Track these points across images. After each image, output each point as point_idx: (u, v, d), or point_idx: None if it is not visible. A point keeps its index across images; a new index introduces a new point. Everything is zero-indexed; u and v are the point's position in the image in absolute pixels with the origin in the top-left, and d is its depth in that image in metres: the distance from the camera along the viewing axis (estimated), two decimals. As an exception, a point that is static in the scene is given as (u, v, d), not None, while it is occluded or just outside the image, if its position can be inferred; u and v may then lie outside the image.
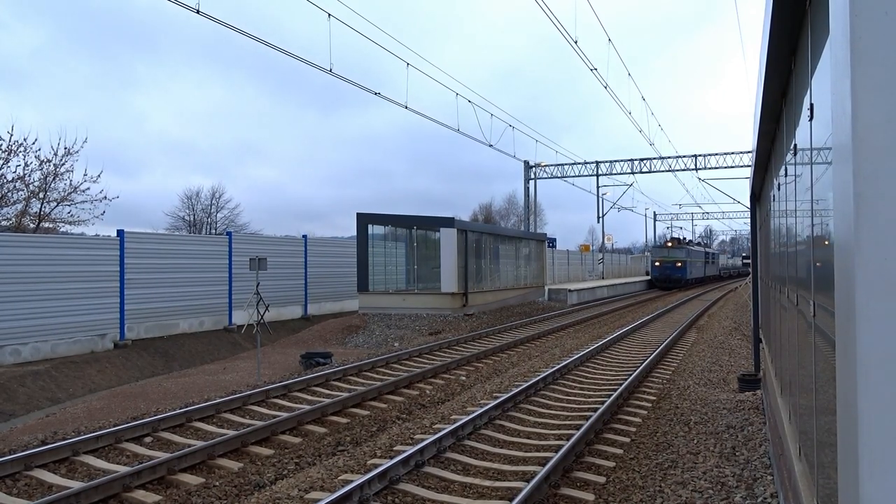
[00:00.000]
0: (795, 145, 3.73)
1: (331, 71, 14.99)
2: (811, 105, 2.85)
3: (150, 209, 69.45)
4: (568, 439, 7.33)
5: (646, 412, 9.31)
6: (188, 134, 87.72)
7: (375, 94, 17.65)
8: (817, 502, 3.04)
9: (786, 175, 4.67)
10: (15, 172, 24.40)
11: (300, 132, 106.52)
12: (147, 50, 79.05)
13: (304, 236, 26.75)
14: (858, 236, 1.29)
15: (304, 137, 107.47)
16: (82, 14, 68.06)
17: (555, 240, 43.31)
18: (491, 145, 26.79)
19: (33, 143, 24.39)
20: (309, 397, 10.46)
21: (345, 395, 10.12)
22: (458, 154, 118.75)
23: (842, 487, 1.50)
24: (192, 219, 50.33)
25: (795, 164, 3.79)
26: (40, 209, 25.59)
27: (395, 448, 7.35)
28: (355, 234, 24.86)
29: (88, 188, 25.60)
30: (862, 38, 1.29)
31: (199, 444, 7.40)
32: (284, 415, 8.80)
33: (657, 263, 49.67)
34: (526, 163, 39.76)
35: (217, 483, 6.44)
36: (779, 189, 5.46)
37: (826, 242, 2.48)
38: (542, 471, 6.16)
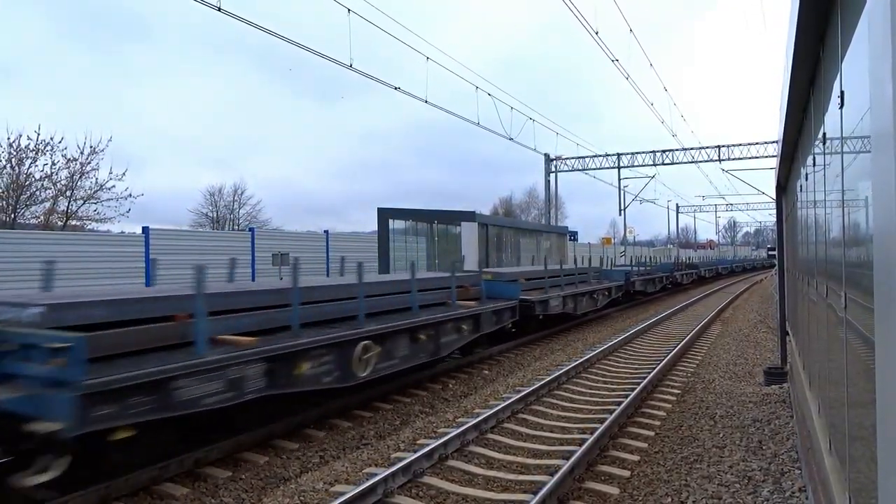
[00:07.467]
0: (824, 134, 3.66)
1: (351, 66, 15.01)
2: (842, 92, 2.79)
3: (159, 205, 68.77)
4: (592, 433, 7.29)
5: (670, 406, 9.24)
6: (191, 129, 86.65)
7: (395, 88, 17.65)
8: (849, 496, 2.99)
9: (814, 165, 4.59)
10: (42, 171, 24.87)
11: (304, 125, 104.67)
12: (141, 40, 77.03)
13: (326, 231, 26.93)
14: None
15: (308, 130, 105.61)
16: (72, 4, 66.31)
17: (576, 233, 43.04)
18: (511, 139, 26.67)
19: (60, 142, 24.84)
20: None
21: (368, 388, 10.15)
22: (473, 146, 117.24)
23: (882, 481, 1.47)
24: (215, 215, 50.91)
25: (824, 153, 3.72)
26: (67, 207, 26.04)
27: (418, 441, 7.38)
28: (373, 228, 24.97)
29: (114, 186, 26.01)
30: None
31: (227, 437, 7.47)
32: (309, 409, 8.86)
33: None
34: (546, 156, 39.54)
35: (244, 476, 6.51)
36: (806, 179, 5.37)
37: (858, 233, 2.43)
38: (567, 464, 6.14)
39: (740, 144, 36.33)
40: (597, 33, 16.96)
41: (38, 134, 24.48)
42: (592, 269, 23.01)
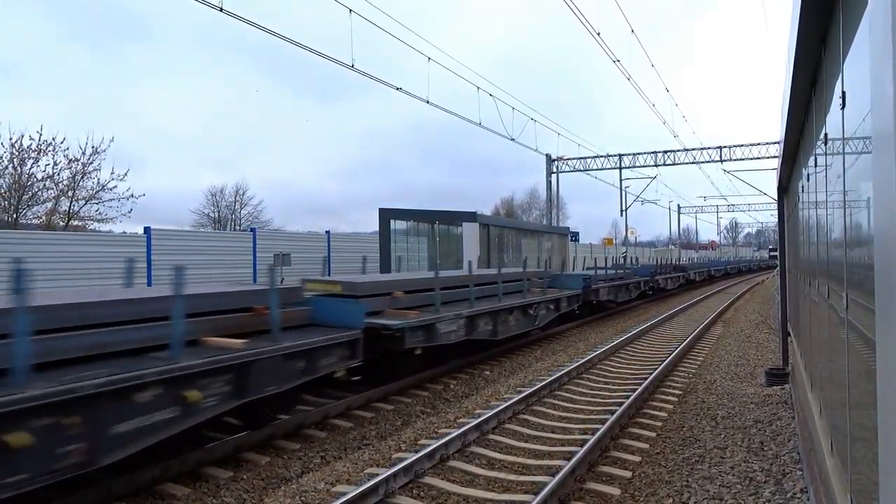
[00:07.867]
0: (826, 134, 3.66)
1: (352, 66, 15.03)
2: (843, 93, 2.79)
3: (160, 206, 68.82)
4: (593, 433, 7.29)
5: (672, 406, 9.23)
6: (191, 129, 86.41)
7: (397, 88, 17.66)
8: (850, 497, 2.99)
9: (815, 165, 4.58)
10: (44, 171, 24.92)
11: (305, 125, 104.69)
12: (141, 40, 76.44)
13: (328, 232, 26.94)
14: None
15: (309, 130, 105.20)
16: (72, 4, 65.68)
17: (578, 233, 43.05)
18: (513, 139, 26.67)
19: (62, 143, 24.88)
20: (334, 391, 10.51)
21: (369, 389, 10.15)
22: (475, 146, 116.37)
23: (883, 482, 1.47)
24: (216, 216, 50.91)
25: (826, 153, 3.72)
26: (69, 207, 26.08)
27: (419, 442, 7.38)
28: (374, 229, 24.99)
29: (115, 186, 26.05)
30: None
31: (228, 438, 7.48)
32: (310, 409, 8.87)
33: None
34: (548, 156, 39.51)
35: (245, 476, 6.52)
36: (808, 180, 5.37)
37: (859, 234, 2.43)
38: (568, 465, 6.14)
39: (742, 145, 36.30)
40: (598, 34, 16.96)
41: (40, 134, 24.57)
42: (532, 273, 16.50)
